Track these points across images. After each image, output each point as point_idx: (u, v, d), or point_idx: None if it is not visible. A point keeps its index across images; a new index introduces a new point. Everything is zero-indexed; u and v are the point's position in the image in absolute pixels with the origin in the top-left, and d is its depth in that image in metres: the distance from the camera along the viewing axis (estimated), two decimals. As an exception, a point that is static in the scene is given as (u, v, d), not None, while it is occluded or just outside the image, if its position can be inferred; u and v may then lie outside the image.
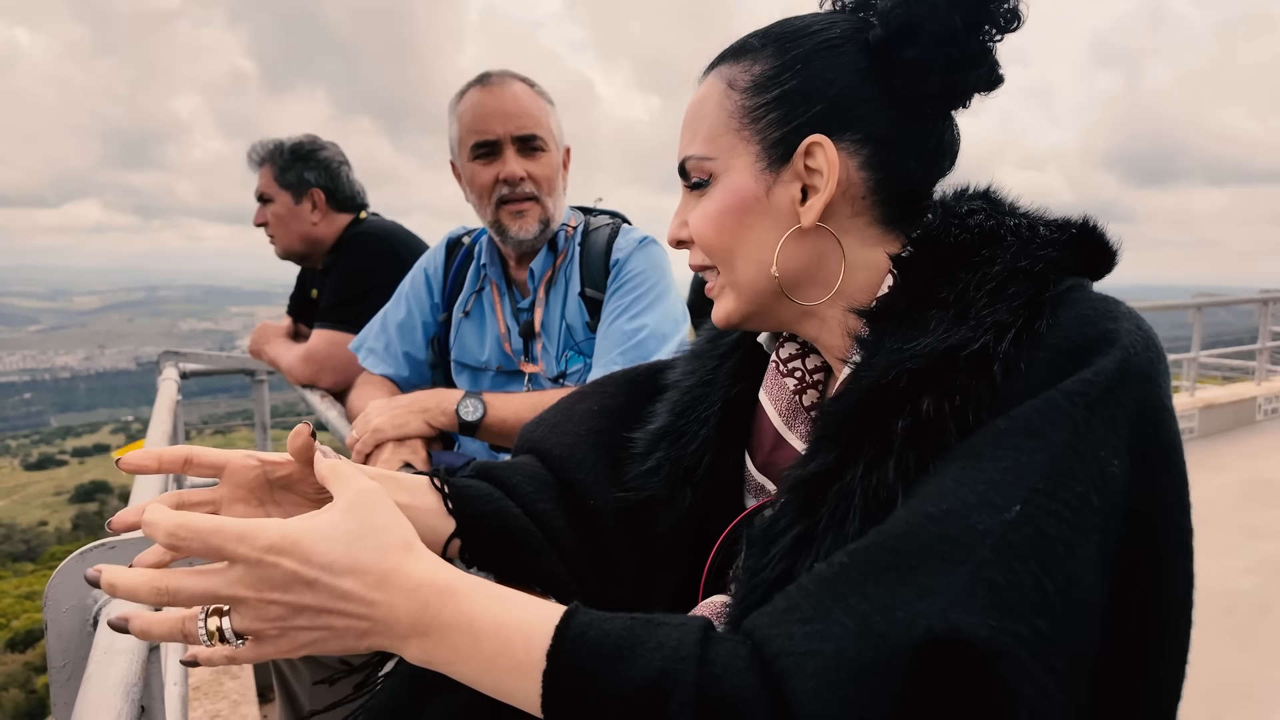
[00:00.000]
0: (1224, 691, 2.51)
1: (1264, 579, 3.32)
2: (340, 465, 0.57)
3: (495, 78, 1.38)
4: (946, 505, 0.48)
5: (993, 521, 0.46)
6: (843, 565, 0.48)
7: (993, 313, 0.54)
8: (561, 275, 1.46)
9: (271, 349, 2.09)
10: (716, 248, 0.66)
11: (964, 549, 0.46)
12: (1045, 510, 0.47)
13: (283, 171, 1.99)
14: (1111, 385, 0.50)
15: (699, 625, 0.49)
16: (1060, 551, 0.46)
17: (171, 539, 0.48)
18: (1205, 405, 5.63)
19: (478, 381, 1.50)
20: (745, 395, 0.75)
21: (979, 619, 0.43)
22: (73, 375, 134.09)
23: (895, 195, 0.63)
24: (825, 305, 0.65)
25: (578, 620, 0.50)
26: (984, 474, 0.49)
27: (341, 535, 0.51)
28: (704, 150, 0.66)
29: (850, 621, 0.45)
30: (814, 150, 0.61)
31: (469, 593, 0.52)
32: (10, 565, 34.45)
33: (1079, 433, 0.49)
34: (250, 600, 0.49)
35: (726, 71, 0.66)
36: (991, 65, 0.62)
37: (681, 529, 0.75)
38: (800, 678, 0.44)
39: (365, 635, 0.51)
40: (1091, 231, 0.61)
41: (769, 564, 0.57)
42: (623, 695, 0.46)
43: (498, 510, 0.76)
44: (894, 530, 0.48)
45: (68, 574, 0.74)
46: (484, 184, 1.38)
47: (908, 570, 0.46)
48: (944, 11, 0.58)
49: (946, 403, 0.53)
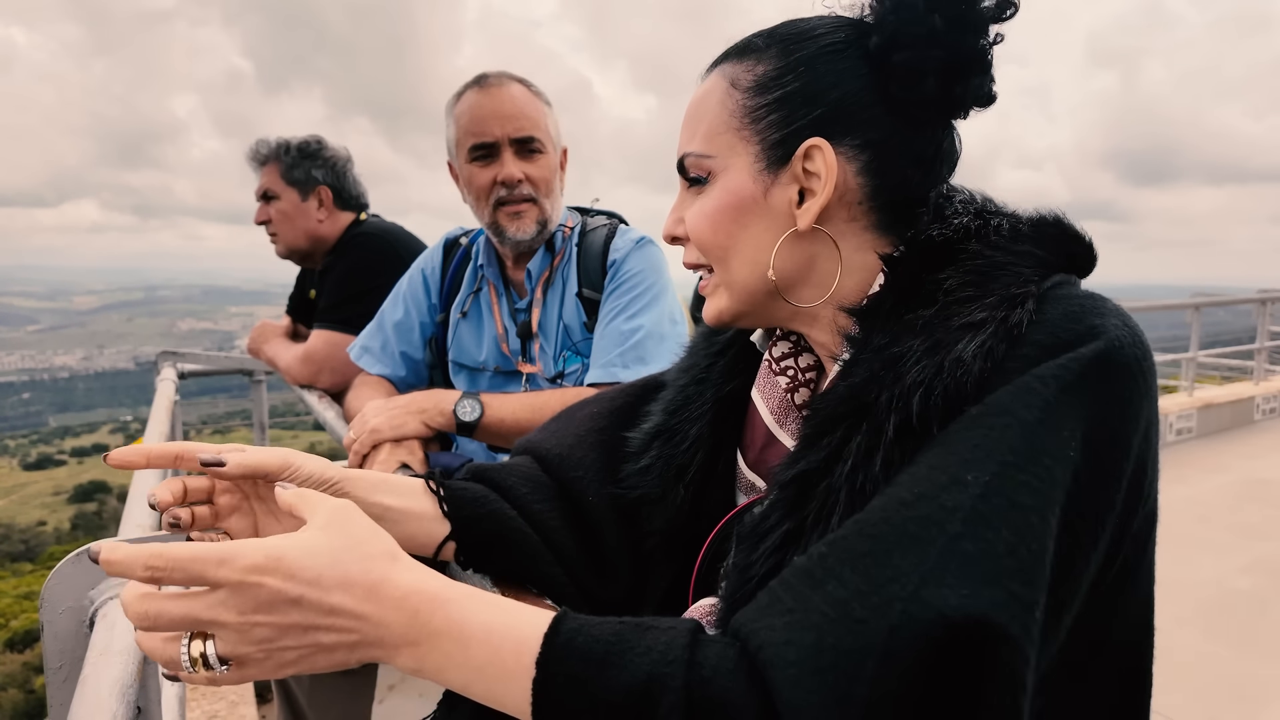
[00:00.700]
0: (1221, 690, 2.51)
1: (1262, 578, 3.32)
2: (304, 491, 0.56)
3: (492, 79, 1.38)
4: (920, 489, 0.49)
5: (963, 497, 0.47)
6: (820, 555, 0.49)
7: (978, 309, 0.54)
8: (559, 276, 1.46)
9: (270, 349, 2.09)
10: (712, 246, 0.66)
11: (935, 527, 0.46)
12: (1016, 481, 0.47)
13: (290, 169, 1.99)
14: (1087, 371, 0.51)
15: (687, 628, 0.49)
16: (1033, 522, 0.47)
17: (150, 571, 0.47)
18: (1204, 405, 5.63)
19: (475, 382, 1.50)
20: (738, 393, 0.75)
21: (951, 590, 0.44)
22: (71, 375, 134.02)
23: (891, 202, 0.63)
24: (819, 306, 0.66)
25: (566, 626, 0.49)
26: (956, 455, 0.49)
27: (325, 549, 0.50)
28: (703, 148, 0.66)
29: (829, 609, 0.45)
30: (813, 153, 0.62)
31: (459, 600, 0.51)
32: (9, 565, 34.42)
33: (1049, 410, 0.49)
34: (234, 624, 0.48)
35: (730, 70, 0.66)
36: (988, 74, 0.62)
37: (675, 527, 0.76)
38: (781, 666, 0.44)
39: (355, 649, 0.50)
40: (1062, 225, 0.61)
41: (758, 560, 0.57)
42: (612, 701, 0.46)
43: (493, 513, 0.77)
44: (869, 519, 0.49)
45: (64, 575, 0.74)
46: (482, 186, 1.38)
47: (882, 554, 0.46)
48: (923, 13, 0.59)
49: (932, 399, 0.53)
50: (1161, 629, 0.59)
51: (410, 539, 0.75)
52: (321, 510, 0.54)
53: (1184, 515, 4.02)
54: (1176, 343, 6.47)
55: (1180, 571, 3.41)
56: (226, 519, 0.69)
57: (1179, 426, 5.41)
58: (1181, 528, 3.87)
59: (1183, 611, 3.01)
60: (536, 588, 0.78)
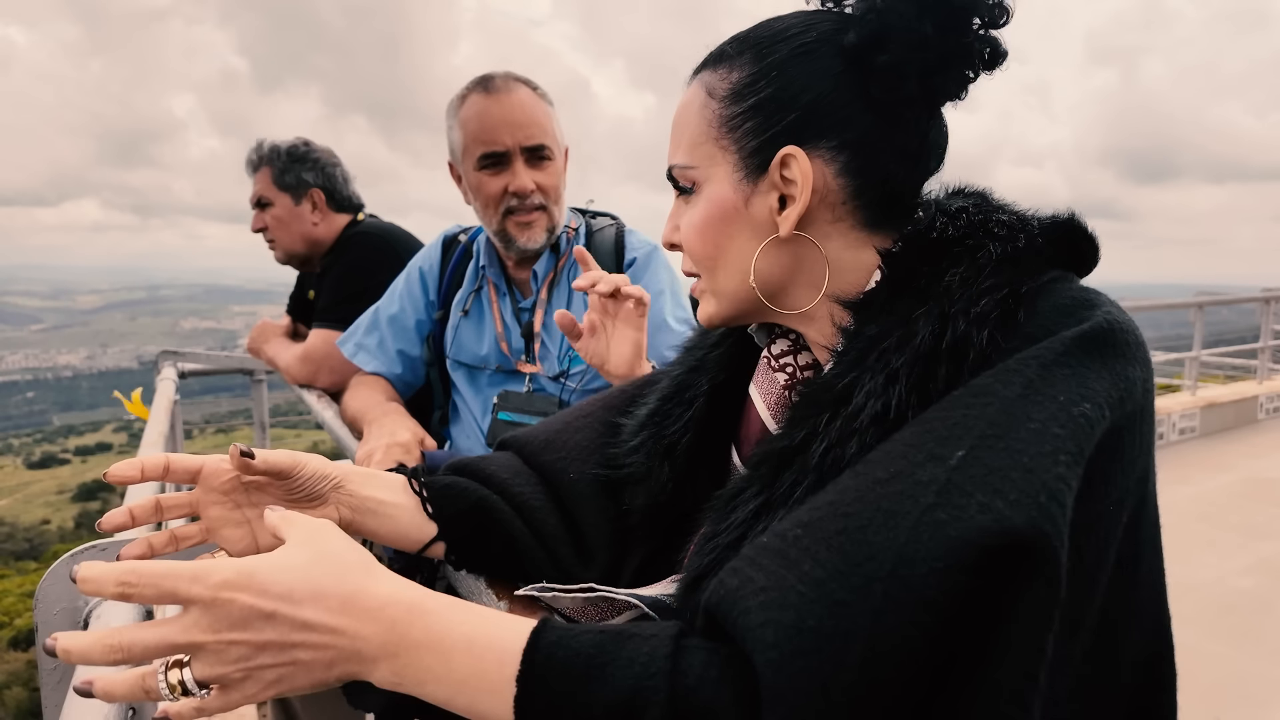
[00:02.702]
0: (1223, 690, 2.50)
1: (1264, 578, 3.31)
2: (287, 513, 0.56)
3: (499, 82, 1.36)
4: (895, 468, 0.48)
5: (937, 470, 0.46)
6: (795, 537, 0.48)
7: (972, 303, 0.54)
8: (564, 276, 1.45)
9: (270, 348, 2.09)
10: (701, 257, 0.67)
11: (909, 500, 0.46)
12: (994, 449, 0.46)
13: (281, 174, 1.99)
14: (1070, 348, 0.50)
15: (670, 636, 0.48)
16: (1015, 478, 0.45)
17: (122, 587, 0.47)
18: (1207, 404, 5.61)
19: (475, 379, 1.50)
20: (733, 385, 0.75)
21: (925, 564, 0.43)
22: (75, 374, 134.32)
23: (877, 198, 0.63)
24: (815, 306, 0.65)
25: (545, 640, 0.49)
26: (933, 434, 0.49)
27: (299, 563, 0.50)
28: (686, 159, 0.66)
29: (806, 589, 0.44)
30: (788, 161, 0.61)
31: (438, 610, 0.51)
32: (13, 564, 34.53)
33: (1033, 385, 0.48)
34: (209, 644, 0.47)
35: (707, 79, 0.65)
36: (968, 63, 0.60)
37: (657, 505, 0.75)
38: (761, 649, 0.43)
39: (332, 665, 0.50)
40: (1074, 225, 0.60)
41: (726, 529, 0.57)
42: (596, 715, 0.46)
43: (476, 502, 0.77)
44: (844, 499, 0.48)
45: (58, 576, 0.74)
46: (491, 194, 1.37)
47: (856, 531, 0.46)
48: (914, 18, 0.58)
49: (918, 390, 0.53)
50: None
51: (405, 534, 0.75)
52: (298, 529, 0.53)
53: (1187, 515, 4.01)
54: (1180, 341, 6.45)
55: (1183, 571, 3.40)
56: (219, 531, 0.69)
57: (1182, 426, 5.40)
58: (1184, 527, 3.86)
59: (1185, 611, 3.00)
60: (523, 576, 0.78)
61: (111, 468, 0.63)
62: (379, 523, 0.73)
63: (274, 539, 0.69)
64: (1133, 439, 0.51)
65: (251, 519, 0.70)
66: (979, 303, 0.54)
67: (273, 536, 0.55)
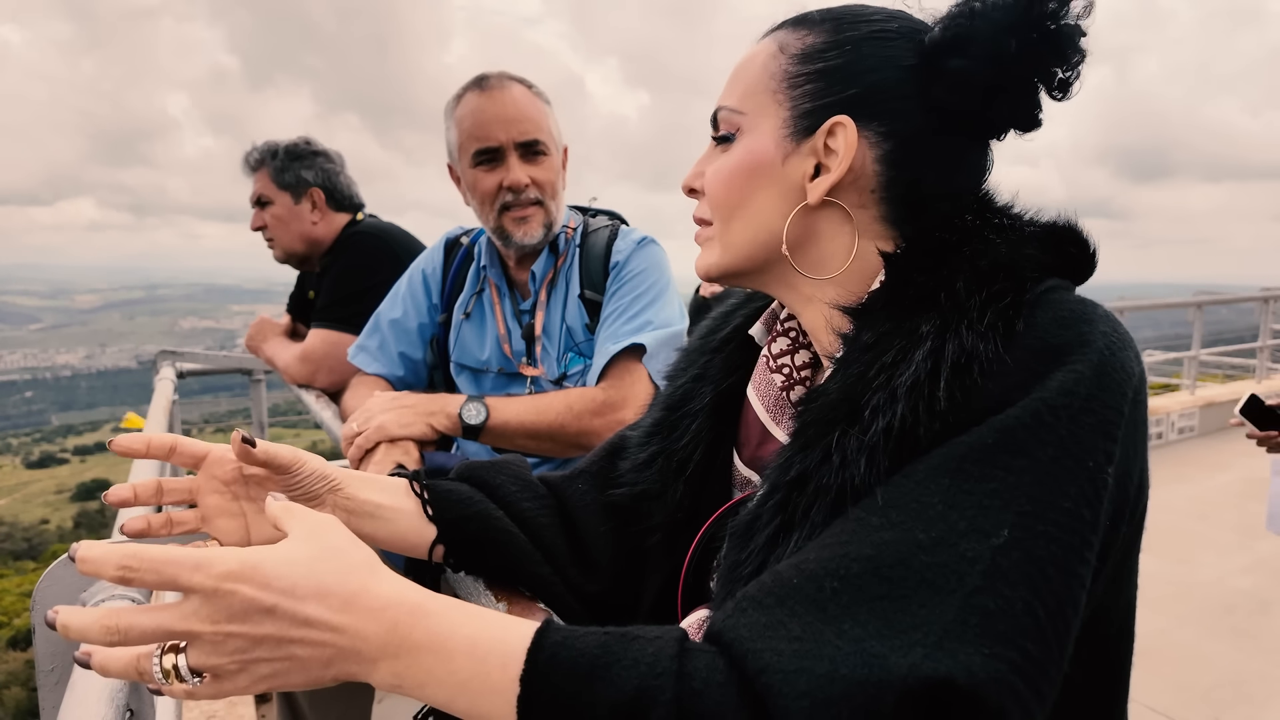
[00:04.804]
0: (1223, 690, 2.50)
1: (1263, 578, 3.32)
2: (290, 504, 0.56)
3: (493, 80, 1.37)
4: (936, 532, 0.48)
5: (982, 548, 0.47)
6: (834, 590, 0.48)
7: (972, 313, 0.54)
8: (562, 277, 1.45)
9: (269, 347, 2.09)
10: (722, 203, 0.67)
11: (954, 577, 0.46)
12: (1033, 532, 0.47)
13: (280, 172, 1.98)
14: (1093, 391, 0.51)
15: (674, 638, 0.48)
16: (1050, 574, 0.47)
17: (123, 571, 0.46)
18: (1206, 403, 5.62)
19: (478, 382, 1.50)
20: (736, 389, 0.75)
21: (974, 647, 0.44)
22: (74, 373, 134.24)
23: (902, 195, 0.63)
24: (813, 287, 0.66)
25: (549, 640, 0.49)
26: (972, 497, 0.49)
27: (303, 559, 0.49)
28: (738, 104, 0.67)
29: (843, 644, 0.45)
30: (836, 130, 0.62)
31: (440, 612, 0.50)
32: (12, 563, 34.51)
33: (1065, 446, 0.49)
34: (206, 635, 0.47)
35: (783, 36, 0.67)
36: (1034, 102, 0.61)
37: (674, 523, 0.75)
38: (792, 696, 0.44)
39: (330, 663, 0.49)
40: (1071, 230, 0.61)
41: (747, 559, 0.57)
42: (600, 716, 0.46)
43: (478, 513, 0.76)
44: (885, 559, 0.48)
45: (55, 577, 0.74)
46: (487, 191, 1.37)
47: (899, 599, 0.46)
48: (1002, 31, 0.58)
49: (922, 404, 0.53)
50: (1163, 628, 0.59)
51: (403, 538, 0.75)
52: (303, 523, 0.53)
53: (1186, 514, 4.01)
54: (1179, 341, 6.46)
55: (1182, 570, 3.40)
56: (214, 520, 0.69)
57: (1181, 425, 5.40)
58: (1183, 526, 3.86)
59: (1184, 610, 3.01)
60: (527, 588, 0.78)
61: (118, 438, 0.63)
62: (376, 526, 0.73)
63: (272, 531, 0.69)
64: (1130, 468, 0.53)
65: (247, 512, 0.70)
66: (980, 313, 0.54)
67: (274, 527, 0.54)
